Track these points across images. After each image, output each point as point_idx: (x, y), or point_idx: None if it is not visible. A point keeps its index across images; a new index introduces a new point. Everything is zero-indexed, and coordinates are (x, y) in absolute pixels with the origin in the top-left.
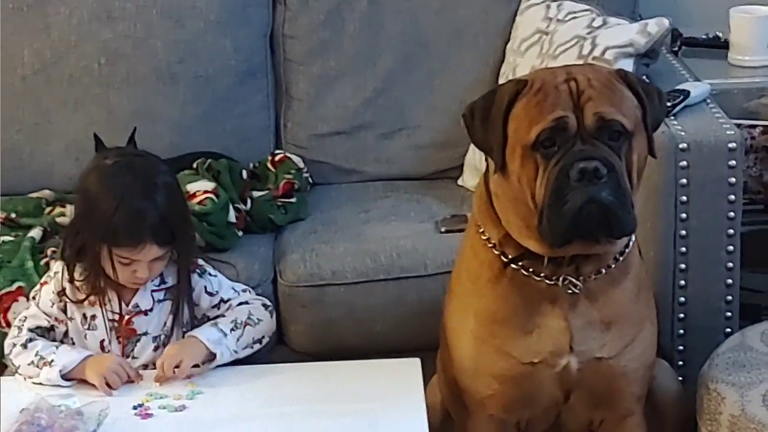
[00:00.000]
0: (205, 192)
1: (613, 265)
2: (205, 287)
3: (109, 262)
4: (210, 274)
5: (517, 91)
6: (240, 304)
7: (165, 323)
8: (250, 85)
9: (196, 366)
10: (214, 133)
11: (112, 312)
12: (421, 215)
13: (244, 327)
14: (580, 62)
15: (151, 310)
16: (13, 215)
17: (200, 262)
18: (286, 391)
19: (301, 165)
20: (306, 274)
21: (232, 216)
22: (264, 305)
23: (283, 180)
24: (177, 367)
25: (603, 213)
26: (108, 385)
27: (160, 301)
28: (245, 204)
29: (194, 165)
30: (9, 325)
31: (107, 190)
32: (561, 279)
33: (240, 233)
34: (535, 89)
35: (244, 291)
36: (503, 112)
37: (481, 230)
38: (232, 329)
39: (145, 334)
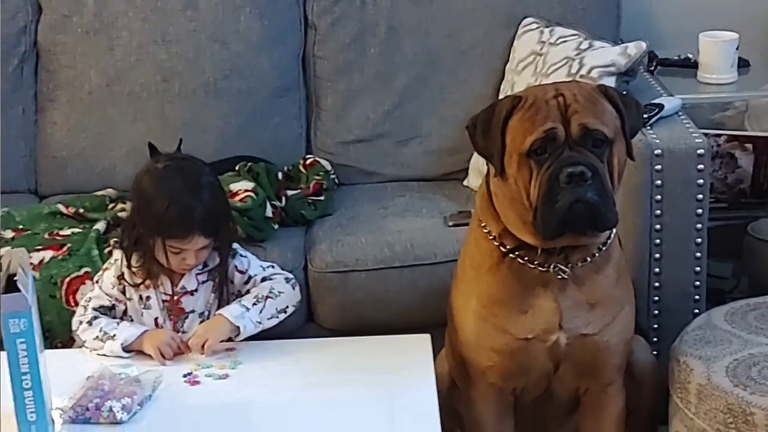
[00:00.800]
0: (246, 191)
1: (597, 255)
2: (236, 266)
3: (162, 251)
4: (241, 255)
5: (513, 105)
6: (264, 279)
7: (209, 301)
8: (285, 99)
9: (229, 339)
10: (253, 140)
11: (164, 293)
12: (431, 211)
13: (266, 300)
14: (569, 80)
15: (196, 290)
16: (81, 210)
17: (236, 248)
18: (314, 363)
19: (329, 168)
20: (332, 261)
21: (269, 211)
22: (286, 279)
23: (313, 181)
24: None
25: (589, 211)
26: (162, 355)
27: (203, 282)
28: (280, 201)
29: (236, 168)
30: (77, 304)
31: (160, 190)
32: (552, 266)
33: (276, 226)
34: (528, 104)
35: (269, 267)
36: (501, 124)
37: (483, 225)
38: (254, 303)
39: (192, 311)
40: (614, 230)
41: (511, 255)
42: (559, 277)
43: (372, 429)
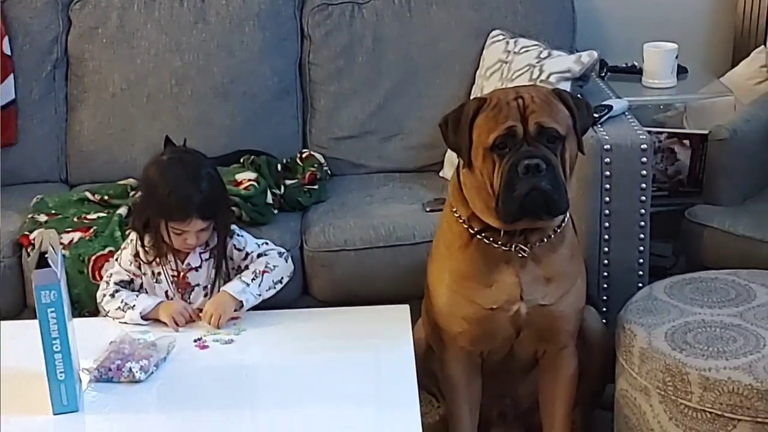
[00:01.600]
0: (249, 180)
1: (552, 236)
2: (234, 245)
3: (166, 232)
4: (238, 235)
5: (479, 106)
6: (260, 255)
7: (211, 276)
8: (284, 101)
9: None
10: (256, 136)
11: (172, 270)
12: (411, 199)
13: (263, 275)
14: (528, 84)
15: (200, 267)
16: (105, 197)
17: (233, 229)
18: (309, 330)
19: (322, 161)
20: (325, 242)
21: (269, 198)
22: (279, 253)
23: (308, 172)
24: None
25: (543, 198)
26: (175, 323)
27: (206, 260)
28: (280, 189)
29: (241, 160)
30: (101, 279)
31: (163, 179)
32: (513, 246)
33: (276, 211)
34: (492, 105)
35: (263, 244)
36: (469, 122)
37: (455, 210)
38: (252, 279)
39: (197, 285)
40: (568, 214)
41: (478, 236)
42: (520, 255)
43: (359, 386)
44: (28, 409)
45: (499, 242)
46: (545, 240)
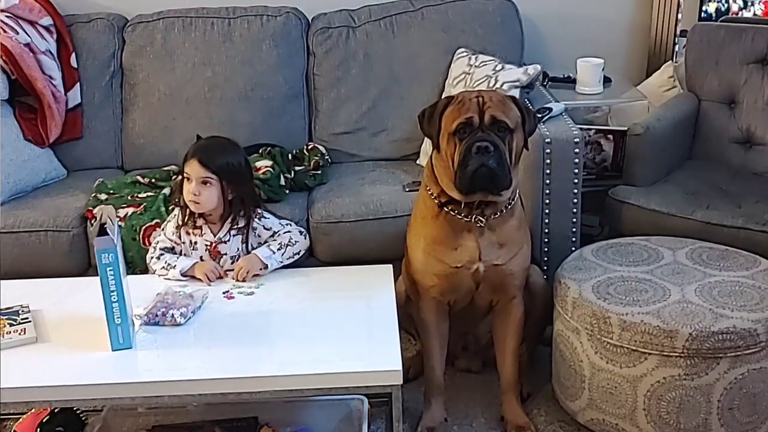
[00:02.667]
0: (266, 167)
1: (504, 210)
2: (263, 225)
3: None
4: (265, 217)
5: (447, 102)
6: (285, 233)
7: (238, 248)
8: (294, 104)
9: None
10: (271, 132)
11: (206, 241)
12: (394, 181)
13: (286, 247)
14: (490, 89)
15: (228, 240)
16: (153, 180)
17: (261, 212)
18: (313, 284)
19: (324, 151)
20: (326, 215)
21: (282, 181)
22: (300, 231)
23: (313, 160)
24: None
25: (490, 174)
26: (208, 279)
27: (234, 235)
28: (290, 174)
29: (260, 151)
30: (149, 245)
31: (196, 143)
32: (473, 217)
33: (287, 192)
34: (457, 101)
35: (287, 224)
36: (439, 114)
37: (428, 188)
38: (278, 249)
39: (226, 254)
40: (517, 194)
41: (445, 209)
42: (479, 225)
43: (352, 327)
44: (93, 346)
45: (462, 214)
46: (498, 213)
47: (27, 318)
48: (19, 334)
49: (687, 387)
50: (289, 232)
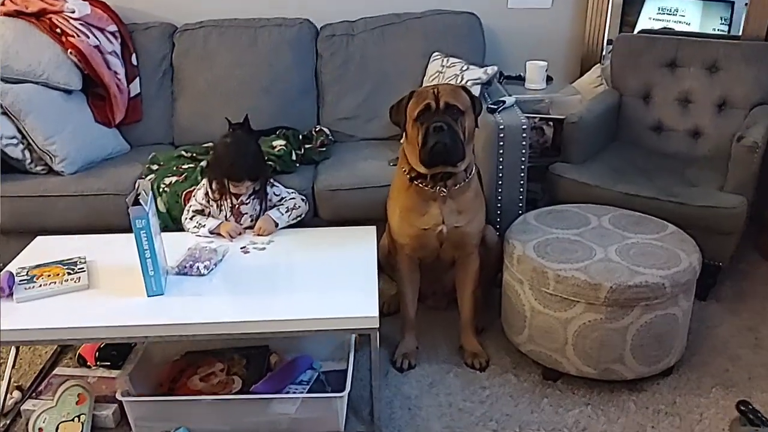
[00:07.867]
0: (280, 145)
1: (463, 182)
2: (274, 192)
3: (229, 185)
4: (275, 185)
5: (410, 96)
6: (290, 198)
7: (255, 209)
8: (305, 96)
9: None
10: (287, 117)
11: (230, 204)
12: (382, 158)
13: (292, 210)
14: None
15: (248, 203)
16: (194, 154)
17: (272, 181)
18: (316, 240)
19: (329, 133)
20: (328, 184)
21: (294, 156)
22: (302, 199)
23: (319, 140)
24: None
25: (445, 148)
26: (230, 236)
27: (252, 198)
28: (301, 151)
29: (276, 132)
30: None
31: (226, 154)
32: (437, 189)
33: (298, 165)
34: (418, 93)
35: (292, 192)
36: (405, 104)
37: (401, 166)
38: (286, 211)
39: (246, 213)
40: (474, 169)
41: (415, 182)
42: (442, 195)
43: (345, 275)
44: (131, 293)
45: (428, 186)
46: (458, 185)
47: (83, 268)
48: (75, 282)
49: (607, 328)
50: (293, 198)
